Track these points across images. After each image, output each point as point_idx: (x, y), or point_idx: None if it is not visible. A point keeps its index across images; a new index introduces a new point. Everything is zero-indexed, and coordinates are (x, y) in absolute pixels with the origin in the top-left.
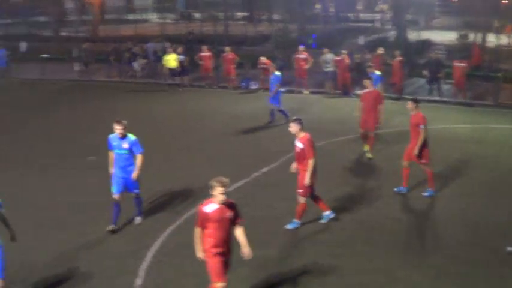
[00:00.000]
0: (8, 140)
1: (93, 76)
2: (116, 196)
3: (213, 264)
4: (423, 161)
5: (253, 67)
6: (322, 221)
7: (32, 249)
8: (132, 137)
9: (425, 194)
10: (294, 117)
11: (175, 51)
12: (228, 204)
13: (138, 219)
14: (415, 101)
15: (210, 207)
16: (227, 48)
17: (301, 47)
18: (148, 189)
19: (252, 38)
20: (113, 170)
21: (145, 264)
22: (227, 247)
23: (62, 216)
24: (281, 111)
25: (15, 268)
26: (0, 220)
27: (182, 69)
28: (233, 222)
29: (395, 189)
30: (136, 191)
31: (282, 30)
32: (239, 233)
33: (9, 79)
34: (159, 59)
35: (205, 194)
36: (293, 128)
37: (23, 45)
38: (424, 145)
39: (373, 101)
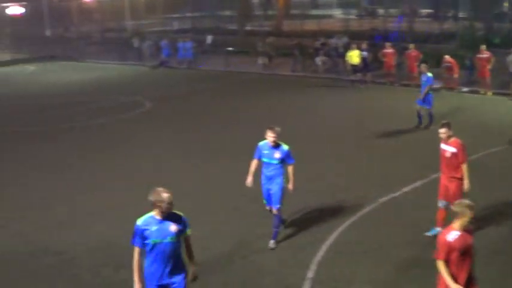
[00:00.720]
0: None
1: (276, 70)
2: (269, 208)
3: None
4: None
5: (437, 65)
6: (427, 234)
7: (207, 238)
8: (285, 146)
9: None
10: (444, 121)
11: (358, 47)
12: (469, 231)
13: (271, 244)
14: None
15: (452, 235)
16: (411, 45)
17: (483, 47)
18: (328, 184)
19: (437, 35)
20: (251, 179)
21: (317, 257)
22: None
23: (238, 206)
24: (430, 114)
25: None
26: (185, 246)
27: (365, 66)
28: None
29: None
30: (277, 206)
31: (468, 28)
32: None
33: (196, 70)
34: (341, 55)
35: (380, 193)
36: (444, 132)
37: (209, 38)
38: None
39: None
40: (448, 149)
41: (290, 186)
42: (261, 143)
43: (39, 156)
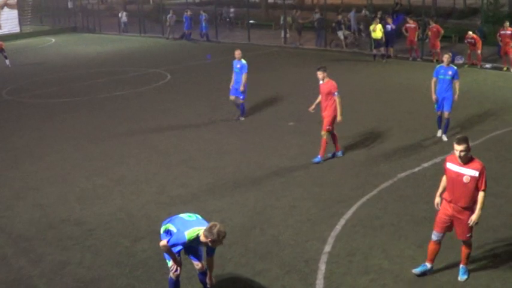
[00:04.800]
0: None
1: (299, 44)
2: None
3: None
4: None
5: (460, 41)
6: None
7: (226, 210)
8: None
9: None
10: (461, 136)
11: (381, 22)
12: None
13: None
14: (325, 69)
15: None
16: (432, 21)
17: (507, 23)
18: (348, 158)
19: (461, 11)
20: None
21: (335, 232)
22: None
23: (258, 178)
24: None
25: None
26: (207, 262)
27: (388, 40)
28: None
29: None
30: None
31: (492, 4)
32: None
33: (217, 43)
34: (364, 29)
35: (399, 168)
36: (464, 149)
37: (230, 11)
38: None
39: None
40: (467, 172)
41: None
42: None
43: (60, 128)
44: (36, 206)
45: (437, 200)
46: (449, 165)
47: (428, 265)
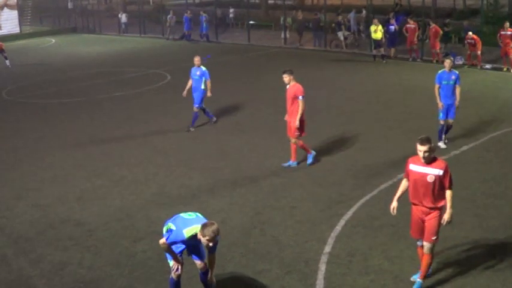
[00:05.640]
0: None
1: (299, 44)
2: None
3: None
4: (300, 133)
5: (459, 41)
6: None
7: (225, 211)
8: None
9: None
10: (424, 136)
11: (380, 22)
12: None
13: None
14: (291, 72)
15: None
16: (432, 22)
17: (507, 24)
18: (348, 159)
19: (460, 11)
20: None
21: (335, 232)
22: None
23: (257, 178)
24: None
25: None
26: (209, 259)
27: (391, 40)
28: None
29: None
30: None
31: (492, 4)
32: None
33: (217, 44)
34: (364, 29)
35: (399, 169)
36: (427, 150)
37: (231, 12)
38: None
39: None
40: (431, 171)
41: None
42: None
43: (60, 129)
44: (36, 206)
45: (394, 204)
46: (413, 167)
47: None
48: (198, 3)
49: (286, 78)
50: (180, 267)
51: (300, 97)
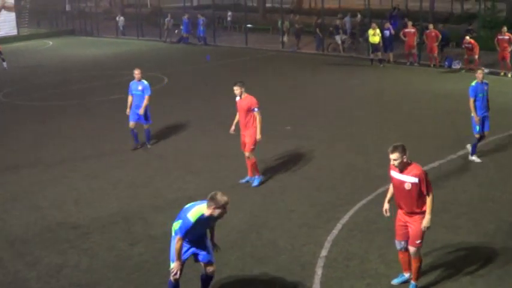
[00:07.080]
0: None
1: (296, 48)
2: None
3: None
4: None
5: (457, 46)
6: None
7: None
8: None
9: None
10: (396, 144)
11: (378, 26)
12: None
13: None
14: (242, 84)
15: None
16: (430, 26)
17: (504, 28)
18: (346, 163)
19: (458, 15)
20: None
21: (332, 236)
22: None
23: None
24: None
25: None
26: (210, 230)
27: (386, 45)
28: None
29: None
30: None
31: (489, 9)
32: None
33: (214, 47)
34: (360, 33)
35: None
36: (396, 158)
37: (229, 15)
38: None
39: None
40: (407, 179)
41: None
42: None
43: (57, 131)
44: (32, 208)
45: (385, 206)
46: (393, 173)
47: (405, 275)
48: (195, 6)
49: (237, 90)
50: (179, 272)
51: (256, 109)
